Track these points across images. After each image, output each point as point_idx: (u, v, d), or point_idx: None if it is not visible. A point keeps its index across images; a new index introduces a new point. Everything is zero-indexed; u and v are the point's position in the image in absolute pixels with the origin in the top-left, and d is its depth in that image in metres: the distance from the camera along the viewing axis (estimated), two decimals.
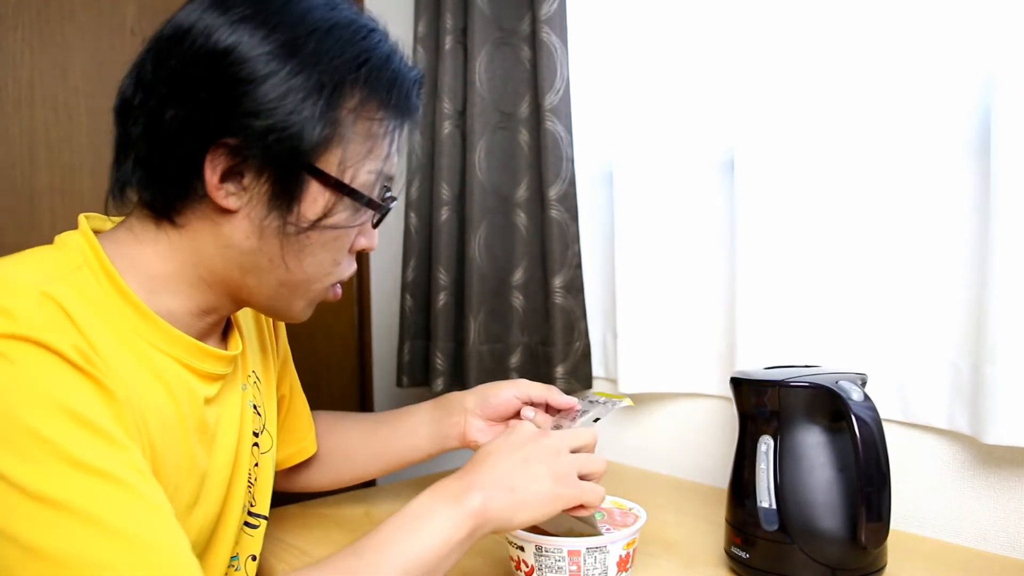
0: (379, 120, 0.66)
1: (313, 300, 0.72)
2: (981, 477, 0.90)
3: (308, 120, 0.62)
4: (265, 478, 0.83)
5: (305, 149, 0.62)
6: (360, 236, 0.71)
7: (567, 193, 1.22)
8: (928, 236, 0.92)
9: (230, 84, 0.61)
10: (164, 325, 0.65)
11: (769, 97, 1.01)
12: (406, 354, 1.41)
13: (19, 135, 1.12)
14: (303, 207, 0.64)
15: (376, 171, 0.67)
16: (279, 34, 0.62)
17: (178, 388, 0.66)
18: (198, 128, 0.62)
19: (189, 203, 0.65)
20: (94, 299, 0.61)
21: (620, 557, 0.75)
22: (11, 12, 1.11)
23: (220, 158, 0.62)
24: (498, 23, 1.27)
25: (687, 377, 1.16)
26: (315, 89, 0.62)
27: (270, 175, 0.63)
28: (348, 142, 0.65)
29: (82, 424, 0.53)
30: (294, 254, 0.66)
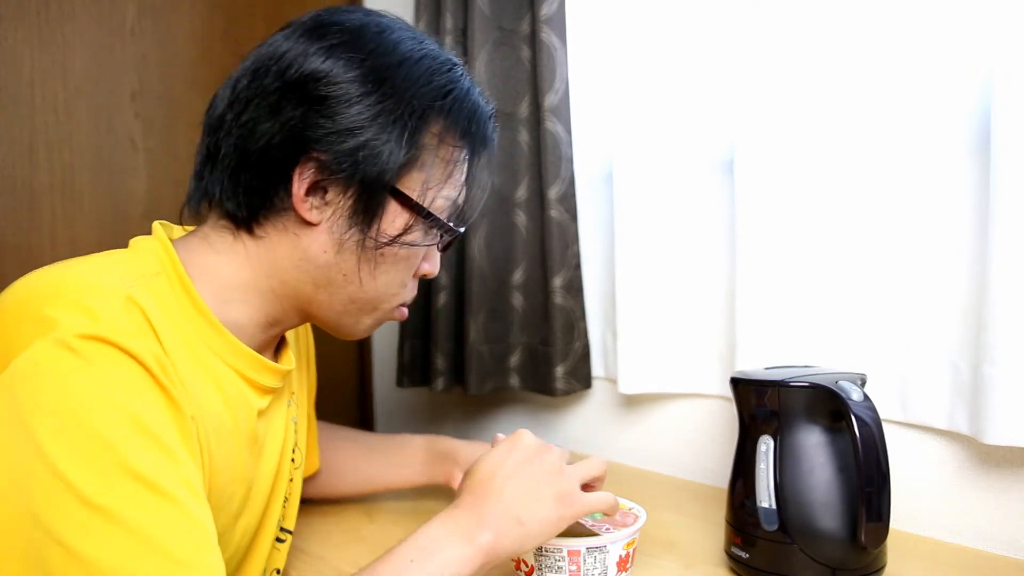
0: (458, 148, 0.70)
1: (379, 319, 0.74)
2: (981, 477, 0.90)
3: (395, 142, 0.65)
4: (296, 493, 0.84)
5: (390, 170, 0.66)
6: (424, 261, 0.74)
7: (567, 193, 1.22)
8: (928, 236, 0.92)
9: (324, 103, 0.64)
10: (230, 337, 0.67)
11: (769, 97, 1.01)
12: (406, 354, 1.41)
13: (19, 135, 1.12)
14: (383, 225, 0.67)
15: (450, 197, 0.71)
16: (372, 60, 0.66)
17: (236, 399, 0.67)
18: (291, 142, 0.65)
19: (271, 214, 0.67)
20: (169, 306, 0.63)
21: (620, 557, 0.75)
22: (11, 12, 1.11)
23: (308, 172, 0.65)
24: (498, 23, 1.27)
25: (687, 377, 1.16)
26: (404, 114, 0.66)
27: (354, 192, 0.66)
28: (429, 167, 0.68)
29: (147, 435, 0.54)
30: (368, 271, 0.69)
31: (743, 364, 1.03)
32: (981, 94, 0.87)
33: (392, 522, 1.00)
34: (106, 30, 1.20)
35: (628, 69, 1.15)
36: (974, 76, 0.87)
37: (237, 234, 0.69)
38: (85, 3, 1.18)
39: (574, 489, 0.70)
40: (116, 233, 1.19)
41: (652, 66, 1.14)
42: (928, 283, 0.92)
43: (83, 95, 1.18)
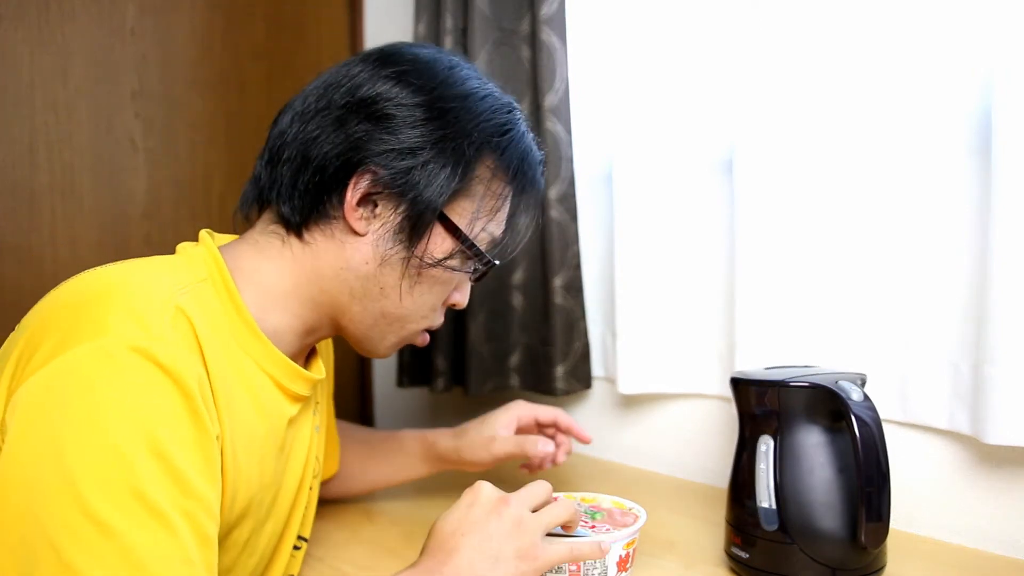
0: (507, 185, 0.73)
1: (404, 339, 0.76)
2: (981, 477, 0.90)
3: (451, 169, 0.68)
4: (313, 501, 0.85)
5: (442, 194, 0.68)
6: (456, 291, 0.77)
7: (567, 193, 1.22)
8: (928, 236, 0.92)
9: (389, 122, 0.68)
10: (269, 344, 0.68)
11: (769, 97, 1.01)
12: (406, 354, 1.41)
13: (19, 135, 1.12)
14: (429, 246, 0.70)
15: (492, 232, 0.74)
16: (440, 91, 0.70)
17: (269, 407, 0.68)
18: (351, 152, 0.67)
19: (321, 220, 0.69)
20: (213, 313, 0.63)
21: (620, 557, 0.75)
22: (11, 12, 1.11)
23: (363, 183, 0.68)
24: (498, 23, 1.27)
25: (687, 377, 1.16)
26: (462, 144, 0.69)
27: (404, 210, 0.68)
28: (479, 198, 0.72)
29: (163, 460, 0.53)
30: (406, 288, 0.71)
31: (743, 364, 1.03)
32: (981, 94, 0.87)
33: (391, 522, 1.00)
34: (106, 30, 1.20)
35: (628, 69, 1.15)
36: (974, 76, 0.87)
37: (286, 239, 0.71)
38: (85, 3, 1.18)
39: (535, 543, 0.67)
40: (116, 233, 1.19)
41: (652, 66, 1.14)
42: (928, 283, 0.92)
43: (83, 95, 1.18)
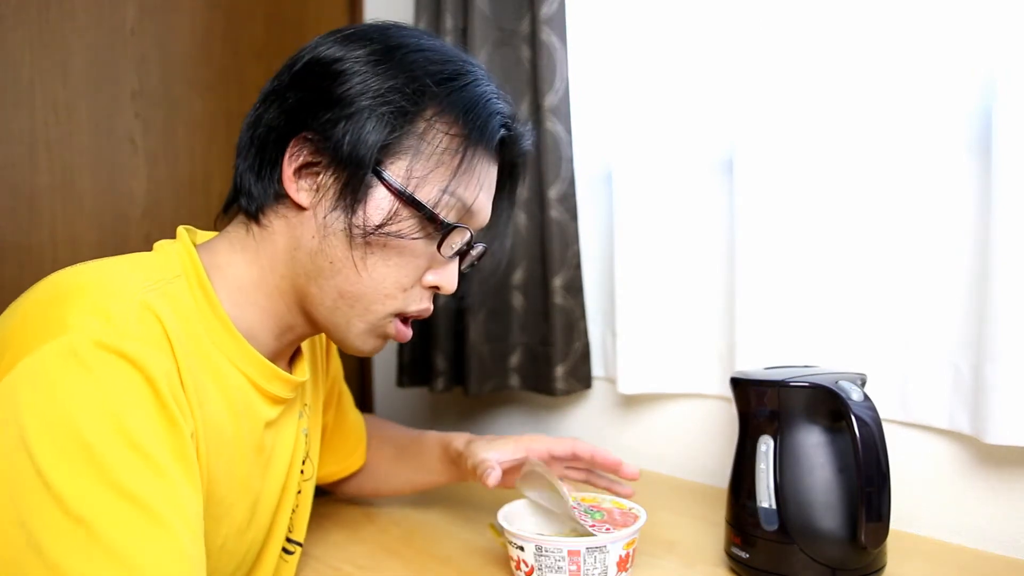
0: (452, 136, 0.67)
1: (375, 327, 0.70)
2: (981, 477, 0.90)
3: (378, 121, 0.64)
4: (306, 505, 0.84)
5: (371, 149, 0.64)
6: (432, 271, 0.71)
7: (567, 193, 1.22)
8: (928, 236, 0.92)
9: (319, 82, 0.65)
10: (244, 343, 0.66)
11: (769, 97, 1.01)
12: (406, 354, 1.41)
13: (19, 135, 1.12)
14: (368, 210, 0.65)
15: (447, 190, 0.67)
16: (381, 44, 0.66)
17: (242, 408, 0.67)
18: (286, 122, 0.66)
19: (273, 202, 0.68)
20: (186, 310, 0.62)
21: (620, 557, 0.75)
22: (11, 12, 1.11)
23: (300, 151, 0.65)
24: (498, 23, 1.27)
25: (687, 377, 1.16)
26: (390, 91, 0.64)
27: (339, 172, 0.65)
28: (418, 152, 0.66)
29: (139, 452, 0.53)
30: (358, 260, 0.66)
31: (743, 364, 1.03)
32: (982, 94, 0.87)
33: (392, 522, 1.00)
34: (106, 30, 1.20)
35: (628, 69, 1.15)
36: (974, 76, 0.87)
37: (249, 227, 0.69)
38: (85, 3, 1.18)
39: None
40: (116, 233, 1.19)
41: (652, 66, 1.15)
42: (928, 283, 0.92)
43: (83, 95, 1.18)
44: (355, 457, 0.99)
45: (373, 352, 0.73)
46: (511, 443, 0.89)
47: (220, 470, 0.64)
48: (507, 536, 0.77)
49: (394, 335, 0.72)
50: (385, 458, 1.02)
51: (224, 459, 0.64)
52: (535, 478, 0.83)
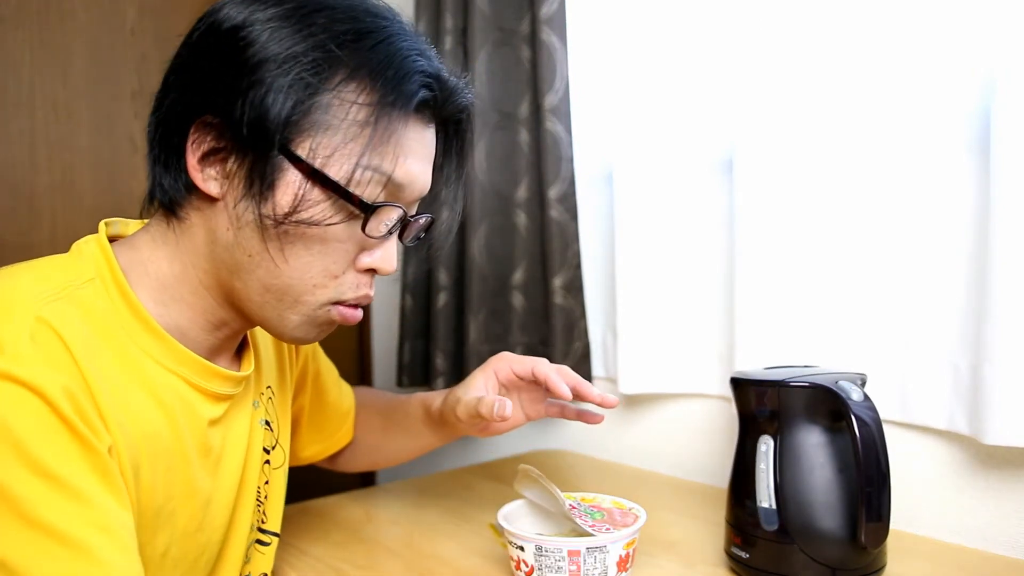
0: (366, 106, 0.60)
1: (311, 317, 0.65)
2: (981, 477, 0.90)
3: (278, 93, 0.57)
4: (277, 494, 0.81)
5: (273, 126, 0.58)
6: (364, 254, 0.64)
7: (567, 193, 1.22)
8: (928, 236, 0.92)
9: (214, 58, 0.59)
10: (172, 343, 0.63)
11: (769, 97, 1.01)
12: (406, 354, 1.41)
13: (19, 135, 1.12)
14: (278, 196, 0.59)
15: (362, 164, 0.60)
16: (284, 5, 0.59)
17: (179, 410, 0.63)
18: (184, 106, 0.61)
19: (186, 193, 0.62)
20: (101, 315, 0.59)
21: (620, 557, 0.75)
22: (11, 12, 1.11)
23: (203, 138, 0.60)
24: (498, 23, 1.27)
25: (687, 377, 1.16)
26: (289, 59, 0.58)
27: (245, 157, 0.59)
28: (325, 126, 0.59)
29: (50, 480, 0.50)
30: (275, 251, 0.61)
31: (743, 364, 1.03)
32: (981, 94, 0.87)
33: (391, 522, 1.00)
34: (106, 30, 1.20)
35: (628, 69, 1.15)
36: (974, 76, 0.87)
37: (168, 221, 0.64)
38: (85, 3, 1.18)
39: None
40: None
41: (652, 66, 1.15)
42: (928, 283, 0.92)
43: (83, 95, 1.18)
44: (340, 434, 0.96)
45: (318, 339, 0.68)
46: (479, 375, 0.86)
47: (158, 479, 0.61)
48: (507, 536, 0.77)
49: (340, 320, 0.66)
50: (373, 430, 0.98)
51: (162, 466, 0.61)
52: (531, 479, 0.83)
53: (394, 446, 0.98)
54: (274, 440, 0.80)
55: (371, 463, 1.02)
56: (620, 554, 0.75)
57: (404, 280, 1.42)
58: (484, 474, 1.20)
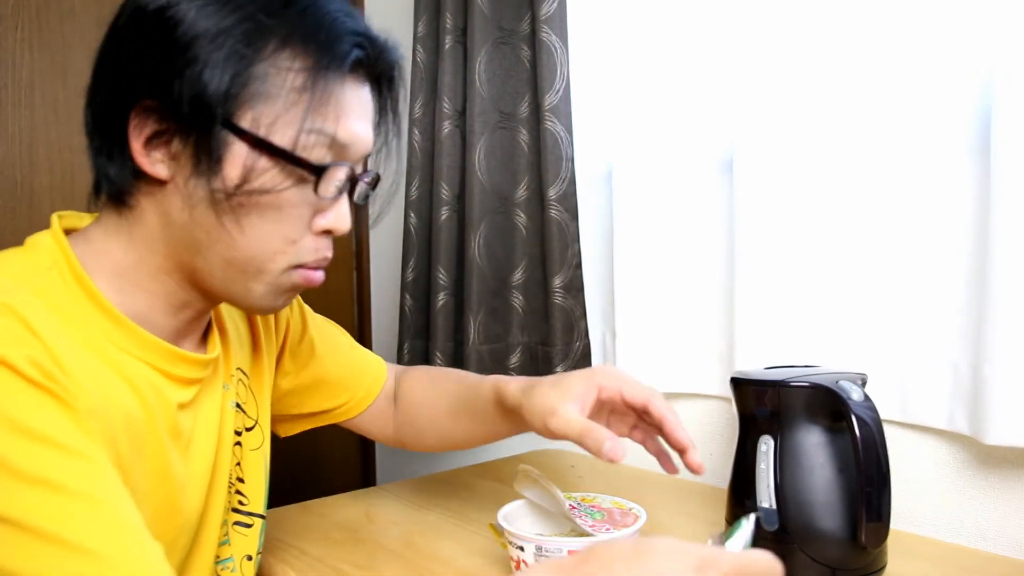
0: (302, 71, 0.61)
1: (275, 285, 0.66)
2: (981, 477, 0.90)
3: (214, 68, 0.58)
4: (256, 476, 0.81)
5: (214, 101, 0.58)
6: (320, 214, 0.65)
7: (567, 193, 1.22)
8: (928, 236, 0.92)
9: (146, 38, 0.60)
10: (135, 328, 0.63)
11: (769, 97, 1.01)
12: (406, 354, 1.41)
13: (19, 135, 1.12)
14: (226, 169, 0.60)
15: (306, 129, 0.61)
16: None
17: (150, 394, 0.63)
18: (121, 92, 0.61)
19: (133, 179, 0.62)
20: (61, 305, 0.59)
21: None
22: (11, 12, 1.11)
23: (145, 122, 0.60)
24: (498, 23, 1.27)
25: (687, 377, 1.16)
26: (221, 33, 0.58)
27: (192, 135, 0.60)
28: (267, 95, 0.60)
29: (36, 439, 0.51)
30: (231, 225, 0.61)
31: (743, 364, 1.03)
32: (982, 94, 0.87)
33: (391, 522, 1.00)
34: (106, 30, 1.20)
35: (628, 69, 1.16)
36: (974, 76, 0.87)
37: (119, 210, 0.64)
38: (85, 3, 1.18)
39: None
40: None
41: (652, 66, 1.15)
42: (928, 283, 0.92)
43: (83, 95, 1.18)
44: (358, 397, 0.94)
45: (285, 305, 0.69)
46: (580, 383, 0.77)
47: (134, 458, 0.62)
48: (507, 536, 0.77)
49: (304, 283, 0.67)
50: (440, 414, 0.94)
51: (136, 445, 0.62)
52: (530, 479, 0.83)
53: (461, 429, 0.93)
54: (252, 422, 0.80)
55: (439, 444, 0.96)
56: None
57: (404, 280, 1.42)
58: (484, 474, 1.20)
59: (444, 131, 1.32)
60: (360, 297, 1.72)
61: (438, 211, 1.33)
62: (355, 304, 1.71)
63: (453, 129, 1.33)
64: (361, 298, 1.72)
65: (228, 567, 0.77)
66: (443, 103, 1.32)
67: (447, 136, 1.32)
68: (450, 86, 1.31)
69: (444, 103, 1.32)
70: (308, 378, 0.92)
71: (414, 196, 1.40)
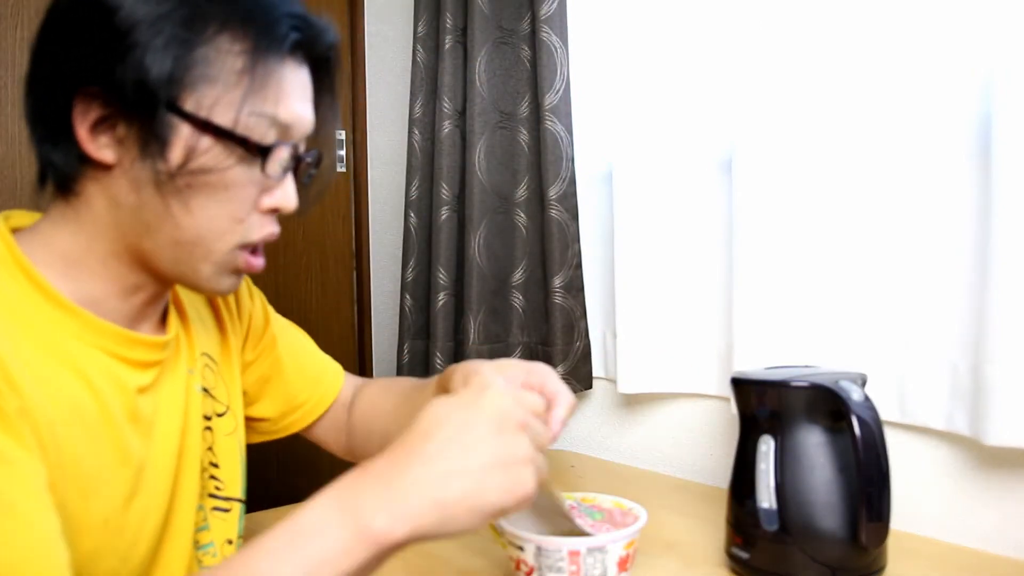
0: (242, 54, 0.62)
1: (222, 265, 0.67)
2: (981, 478, 0.90)
3: (156, 53, 0.59)
4: (231, 460, 0.81)
5: (157, 85, 0.59)
6: (267, 194, 0.67)
7: (567, 193, 1.22)
8: (928, 236, 0.92)
9: (86, 25, 0.60)
10: (85, 315, 0.64)
11: (768, 97, 1.01)
12: (406, 354, 1.41)
13: (19, 134, 1.12)
14: (172, 152, 0.61)
15: (247, 110, 0.63)
16: None
17: (102, 381, 0.64)
18: (62, 78, 0.61)
19: (78, 165, 0.63)
20: (8, 299, 0.60)
21: (620, 557, 0.75)
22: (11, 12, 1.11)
23: (89, 107, 0.61)
24: (498, 23, 1.27)
25: (687, 377, 1.16)
26: (160, 19, 0.59)
27: (136, 119, 0.61)
28: (209, 78, 0.61)
29: None
30: (179, 206, 0.62)
31: (743, 364, 1.03)
32: (982, 96, 0.87)
33: None
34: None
35: (628, 68, 1.16)
36: (974, 78, 0.87)
37: (66, 198, 0.65)
38: None
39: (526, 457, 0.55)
40: None
41: (652, 66, 1.15)
42: (928, 283, 0.92)
43: None
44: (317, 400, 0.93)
45: (231, 290, 0.70)
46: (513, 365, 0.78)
47: (83, 447, 0.62)
48: (507, 536, 0.77)
49: (245, 268, 0.69)
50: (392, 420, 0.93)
51: (88, 436, 0.62)
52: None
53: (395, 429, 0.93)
54: (223, 407, 0.80)
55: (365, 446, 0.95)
56: (620, 554, 0.75)
57: (404, 280, 1.42)
58: None
59: (444, 131, 1.32)
60: (360, 297, 1.72)
61: (438, 211, 1.33)
62: (355, 304, 1.71)
63: (453, 129, 1.33)
64: (361, 298, 1.72)
65: (209, 552, 0.77)
66: (443, 103, 1.32)
67: (447, 136, 1.32)
68: (450, 86, 1.31)
69: (444, 103, 1.32)
70: (269, 370, 0.91)
71: (414, 196, 1.40)
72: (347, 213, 1.70)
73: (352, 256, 1.72)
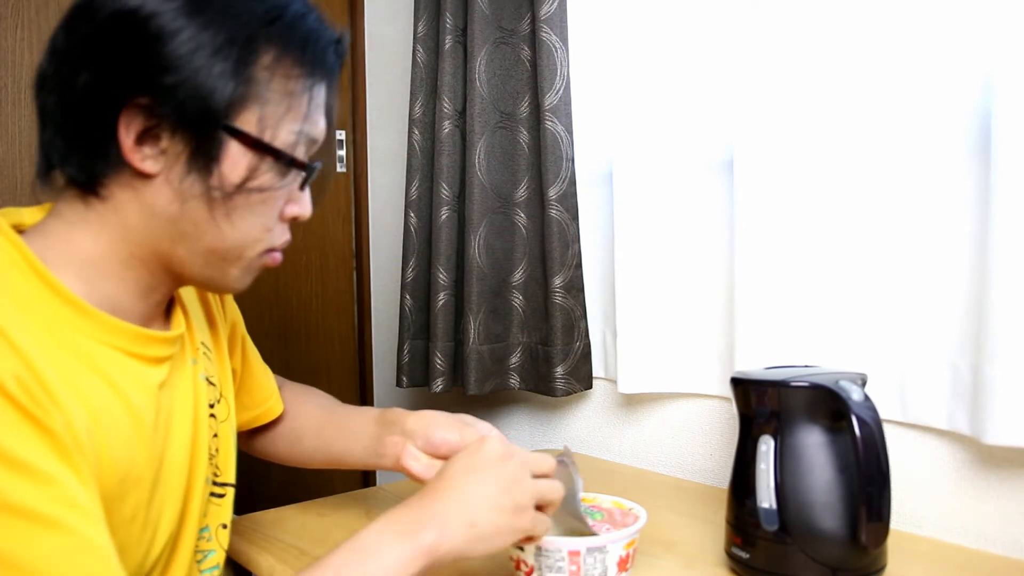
0: (296, 78, 0.66)
1: (248, 268, 0.70)
2: (981, 477, 0.90)
3: (219, 76, 0.61)
4: (227, 447, 0.83)
5: (218, 107, 0.62)
6: (290, 204, 0.70)
7: (567, 193, 1.22)
8: (928, 236, 0.92)
9: (138, 41, 0.61)
10: (104, 317, 0.64)
11: (768, 97, 1.01)
12: (406, 354, 1.41)
13: (18, 134, 1.12)
14: (224, 169, 0.63)
15: (297, 131, 0.67)
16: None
17: (125, 382, 0.64)
18: (109, 89, 0.61)
19: (110, 171, 0.63)
20: (27, 303, 0.60)
21: (620, 557, 0.75)
22: (11, 12, 1.11)
23: (135, 119, 0.62)
24: (498, 23, 1.27)
25: (687, 377, 1.16)
26: (225, 44, 0.61)
27: (186, 135, 0.62)
28: (266, 101, 0.64)
29: (12, 465, 0.52)
30: (221, 219, 0.65)
31: (743, 364, 1.03)
32: (982, 94, 0.87)
33: None
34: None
35: (628, 69, 1.15)
36: (974, 76, 0.87)
37: (87, 200, 0.65)
38: None
39: (530, 502, 0.69)
40: None
41: (652, 66, 1.15)
42: (928, 283, 0.92)
43: None
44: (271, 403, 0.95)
45: (246, 287, 0.73)
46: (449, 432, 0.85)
47: (119, 450, 0.62)
48: None
49: (271, 264, 0.72)
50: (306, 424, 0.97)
51: (121, 439, 0.63)
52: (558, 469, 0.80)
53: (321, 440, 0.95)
54: (218, 394, 0.81)
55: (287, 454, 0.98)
56: (620, 554, 0.75)
57: (404, 280, 1.42)
58: None
59: (444, 131, 1.32)
60: (360, 297, 1.72)
61: (438, 211, 1.33)
62: (355, 304, 1.71)
63: (453, 129, 1.33)
64: (361, 298, 1.72)
65: (205, 536, 0.78)
66: (443, 103, 1.32)
67: (447, 136, 1.32)
68: (450, 86, 1.31)
69: (444, 103, 1.32)
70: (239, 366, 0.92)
71: (414, 196, 1.40)
72: (347, 213, 1.70)
73: (352, 256, 1.72)
